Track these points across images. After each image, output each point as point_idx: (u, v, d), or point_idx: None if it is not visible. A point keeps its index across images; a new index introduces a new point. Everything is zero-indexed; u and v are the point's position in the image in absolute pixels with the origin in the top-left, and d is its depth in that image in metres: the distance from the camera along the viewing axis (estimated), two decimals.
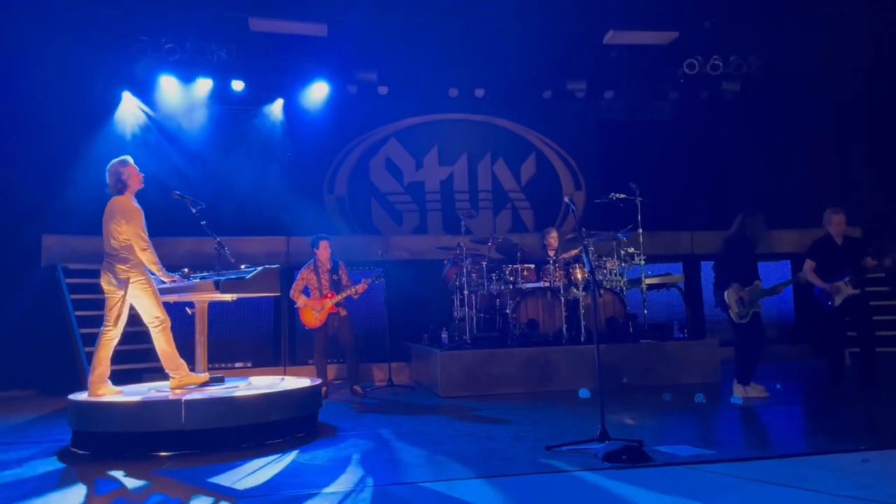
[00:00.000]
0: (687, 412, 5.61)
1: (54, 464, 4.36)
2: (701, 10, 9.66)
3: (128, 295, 4.91)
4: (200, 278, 5.28)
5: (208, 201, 5.55)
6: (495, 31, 9.61)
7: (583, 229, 5.66)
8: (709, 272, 9.37)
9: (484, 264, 7.74)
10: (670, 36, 9.89)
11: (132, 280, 4.92)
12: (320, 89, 10.14)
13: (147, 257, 4.96)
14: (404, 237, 10.13)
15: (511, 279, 7.51)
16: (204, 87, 9.74)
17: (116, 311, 4.92)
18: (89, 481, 3.92)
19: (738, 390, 6.15)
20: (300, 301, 7.21)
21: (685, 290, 9.04)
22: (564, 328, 7.34)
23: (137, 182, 5.11)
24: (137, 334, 5.45)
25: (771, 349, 9.53)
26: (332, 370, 8.10)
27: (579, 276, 7.36)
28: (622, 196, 7.75)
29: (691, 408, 5.81)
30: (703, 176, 10.64)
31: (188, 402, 4.56)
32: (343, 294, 7.20)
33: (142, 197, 5.14)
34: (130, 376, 7.03)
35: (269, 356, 8.73)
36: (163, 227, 5.46)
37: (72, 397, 4.88)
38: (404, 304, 8.85)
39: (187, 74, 9.58)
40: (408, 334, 8.75)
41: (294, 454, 4.40)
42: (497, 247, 8.37)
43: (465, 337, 7.43)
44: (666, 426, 4.98)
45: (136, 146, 9.28)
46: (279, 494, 3.45)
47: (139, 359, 7.51)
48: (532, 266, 7.62)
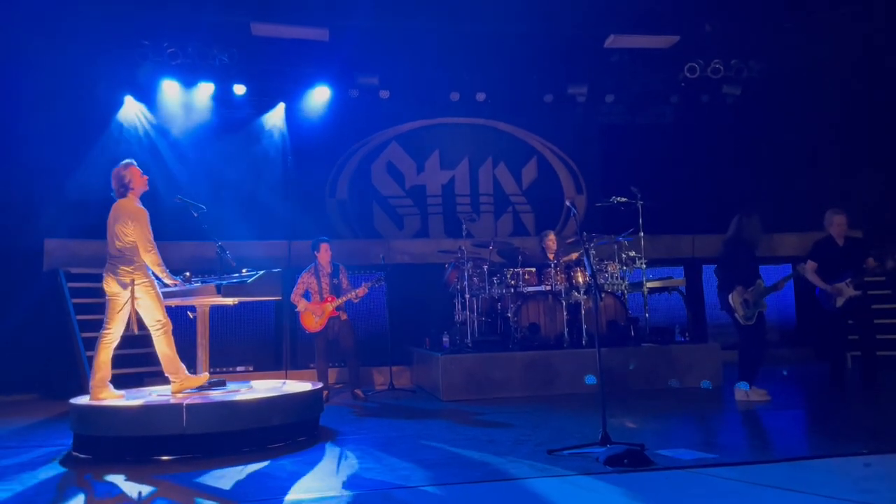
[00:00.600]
0: (689, 416, 5.61)
1: (56, 468, 4.36)
2: (702, 14, 9.67)
3: (134, 297, 4.92)
4: (202, 282, 5.29)
5: (210, 205, 5.56)
6: (496, 36, 9.62)
7: (584, 233, 5.66)
8: (710, 276, 9.39)
9: (485, 268, 7.74)
10: (671, 40, 9.90)
11: (136, 282, 4.93)
12: (322, 93, 10.15)
13: (151, 259, 4.98)
14: (406, 241, 10.14)
15: (512, 283, 7.51)
16: (206, 92, 9.76)
17: (124, 315, 4.92)
18: (90, 486, 3.92)
19: (740, 393, 6.14)
20: (301, 305, 7.21)
21: (686, 294, 9.04)
22: (566, 332, 7.33)
23: (142, 184, 5.13)
24: (138, 338, 5.45)
25: (773, 352, 9.52)
26: (334, 374, 8.09)
27: (581, 280, 7.36)
28: (623, 200, 7.74)
29: (693, 411, 5.80)
30: (705, 179, 10.63)
31: (189, 406, 4.56)
32: (343, 298, 7.20)
33: (143, 200, 5.16)
34: (131, 380, 7.05)
35: (271, 360, 8.73)
36: (164, 231, 5.46)
37: (73, 401, 4.88)
38: (406, 308, 8.85)
39: (189, 79, 9.59)
40: (409, 338, 8.74)
41: (295, 458, 4.39)
42: (498, 250, 8.38)
43: (467, 340, 7.43)
44: (668, 430, 4.97)
45: (138, 150, 9.29)
46: (281, 498, 3.45)
47: (140, 363, 7.51)
48: (533, 269, 7.62)
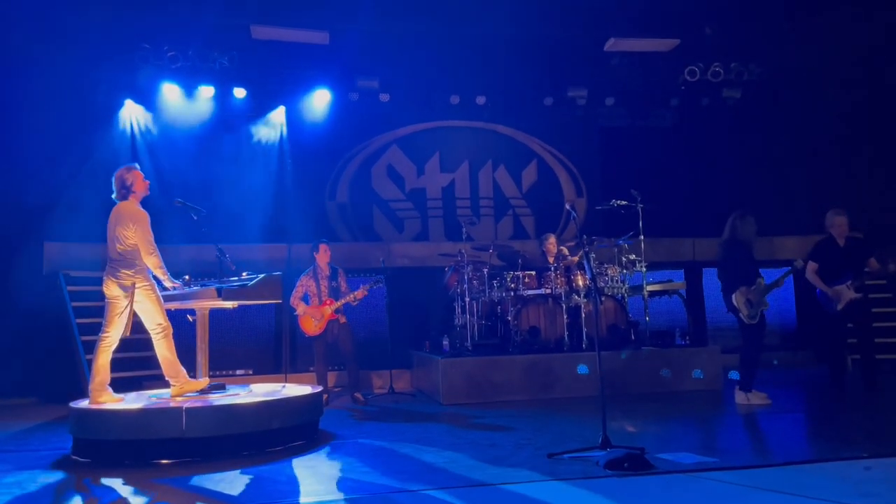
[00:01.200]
0: (689, 419, 5.60)
1: (55, 472, 4.35)
2: (702, 18, 9.68)
3: (133, 301, 4.91)
4: (202, 285, 5.28)
5: (209, 208, 5.57)
6: (496, 39, 9.63)
7: (584, 236, 5.66)
8: (710, 279, 9.39)
9: (485, 271, 7.73)
10: (671, 43, 9.91)
11: (137, 285, 4.93)
12: (322, 97, 10.16)
13: (153, 262, 4.98)
14: (406, 244, 10.13)
15: (512, 286, 7.50)
16: (206, 95, 9.76)
17: (123, 318, 4.91)
18: (89, 489, 3.91)
19: (740, 397, 6.14)
20: (300, 309, 7.20)
21: (687, 297, 9.03)
22: (566, 335, 7.33)
23: (143, 188, 5.14)
24: (138, 341, 5.45)
25: (773, 356, 9.52)
26: (333, 377, 8.09)
27: (581, 283, 7.36)
28: (623, 203, 7.74)
29: (694, 415, 5.79)
30: (705, 182, 10.63)
31: (189, 410, 4.55)
32: (342, 301, 7.19)
33: (144, 204, 5.16)
34: (131, 383, 7.03)
35: (271, 363, 8.72)
36: (164, 234, 5.46)
37: (73, 405, 4.88)
38: (406, 311, 8.84)
39: (189, 82, 9.60)
40: (409, 341, 8.73)
41: (295, 462, 4.39)
42: (498, 254, 8.37)
43: (467, 344, 7.42)
44: (668, 434, 4.96)
45: (138, 153, 9.31)
46: (281, 502, 3.44)
47: (139, 366, 7.51)
48: (533, 273, 7.61)
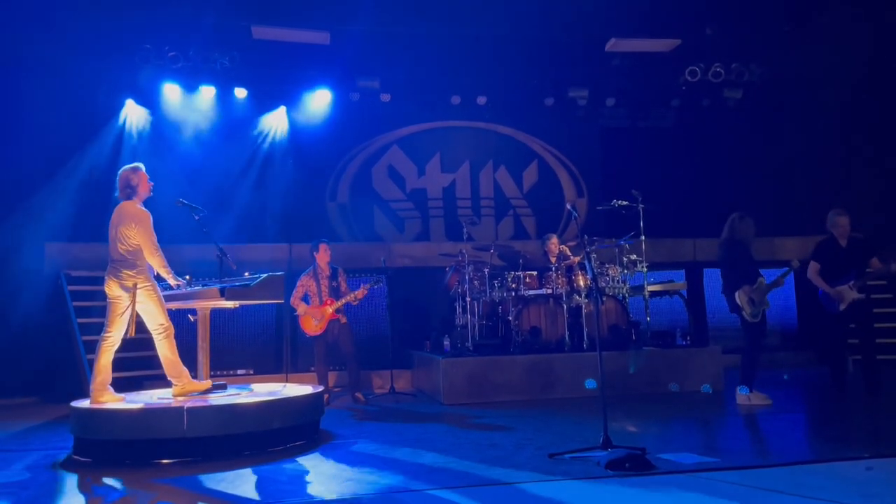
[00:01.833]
0: (690, 420, 5.60)
1: (56, 471, 4.35)
2: (703, 18, 9.68)
3: (136, 301, 4.92)
4: (203, 285, 5.28)
5: (210, 208, 5.57)
6: (497, 39, 9.63)
7: (585, 236, 5.66)
8: (711, 279, 9.39)
9: (486, 271, 7.73)
10: (672, 43, 9.91)
11: (139, 286, 4.94)
12: (323, 97, 10.16)
13: (157, 261, 4.99)
14: (406, 244, 10.13)
15: (513, 286, 7.50)
16: (207, 95, 9.77)
17: (125, 318, 4.92)
18: (90, 489, 3.92)
19: (742, 397, 6.14)
20: (300, 309, 7.21)
21: (688, 298, 9.03)
22: (567, 335, 7.33)
23: (147, 189, 5.15)
24: (139, 341, 5.45)
25: (774, 356, 9.52)
26: (334, 377, 8.09)
27: (582, 283, 7.36)
28: (624, 203, 7.74)
29: (695, 415, 5.79)
30: (706, 183, 10.63)
31: (190, 410, 4.56)
32: (343, 300, 7.20)
33: (146, 204, 5.16)
34: (132, 383, 7.04)
35: (272, 363, 8.71)
36: (165, 235, 5.46)
37: (74, 404, 4.88)
38: (406, 312, 8.84)
39: (190, 82, 9.61)
40: (410, 341, 8.74)
41: (296, 462, 4.39)
42: (499, 254, 8.38)
43: (468, 344, 7.42)
44: (669, 434, 4.96)
45: (139, 154, 9.30)
46: (282, 502, 3.44)
47: (141, 366, 7.51)
48: (534, 273, 7.61)
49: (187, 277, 5.29)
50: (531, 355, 7.07)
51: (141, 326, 5.09)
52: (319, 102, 10.21)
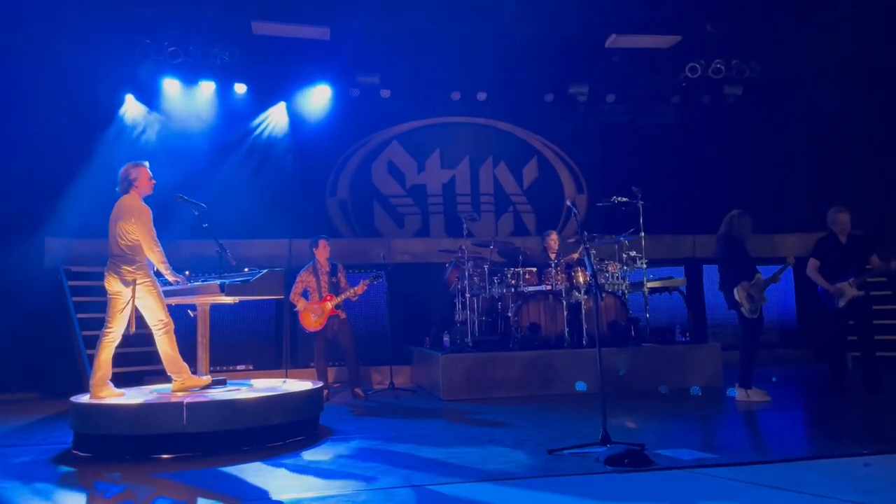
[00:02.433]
0: (689, 416, 5.61)
1: (56, 466, 4.36)
2: (703, 15, 9.67)
3: (135, 297, 4.92)
4: (203, 281, 5.29)
5: (210, 204, 5.56)
6: (497, 35, 9.62)
7: (585, 233, 5.66)
8: (710, 276, 9.39)
9: (486, 267, 7.74)
10: (672, 40, 9.90)
11: (139, 281, 4.94)
12: (323, 92, 10.16)
13: (156, 257, 4.99)
14: (406, 240, 10.14)
15: (513, 282, 7.51)
16: (207, 91, 9.77)
17: (125, 314, 4.92)
18: (90, 484, 3.92)
19: (741, 394, 6.15)
20: (300, 304, 7.21)
21: (687, 294, 9.03)
22: (566, 332, 7.33)
23: (147, 186, 5.15)
24: (139, 336, 5.44)
25: (773, 353, 9.53)
26: (333, 373, 8.10)
27: (581, 280, 7.36)
28: (624, 199, 7.74)
29: (694, 412, 5.80)
30: (705, 180, 10.63)
31: (190, 405, 4.56)
32: (342, 296, 7.20)
33: (145, 199, 5.16)
34: (132, 379, 7.04)
35: (271, 359, 8.73)
36: (165, 230, 5.46)
37: (73, 399, 4.89)
38: (406, 308, 8.85)
39: (190, 77, 9.60)
40: (409, 337, 8.75)
41: (295, 457, 4.40)
42: (499, 250, 8.38)
43: (467, 340, 7.43)
44: (668, 430, 4.97)
45: (139, 149, 9.31)
46: (281, 497, 3.45)
47: (141, 361, 7.51)
48: (534, 269, 7.61)
49: (187, 273, 5.30)
50: (530, 352, 7.07)
51: (141, 322, 5.10)
52: (319, 98, 10.20)
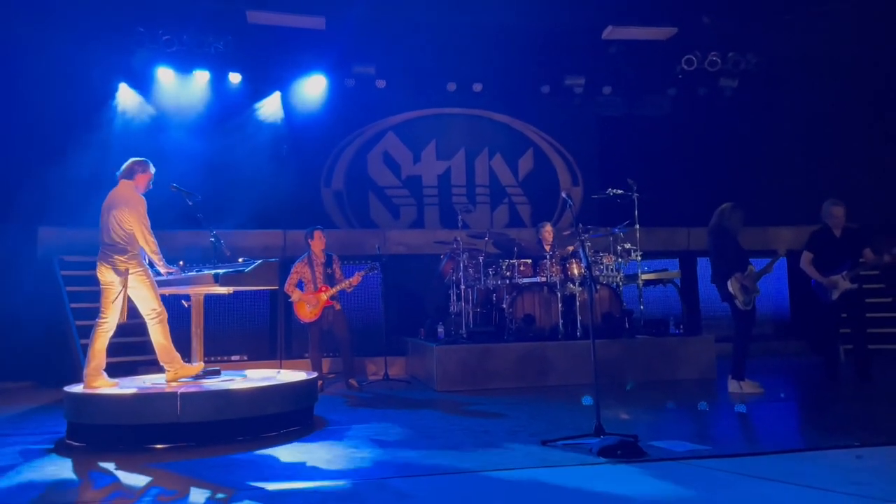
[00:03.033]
0: (682, 408, 5.63)
1: (49, 455, 4.35)
2: (700, 6, 9.66)
3: (127, 286, 4.91)
4: (197, 271, 5.27)
5: (204, 194, 5.54)
6: (493, 26, 9.59)
7: (580, 225, 5.66)
8: (704, 268, 9.41)
9: (481, 259, 7.73)
10: (669, 32, 9.89)
11: (131, 271, 4.93)
12: (318, 83, 10.11)
13: (150, 247, 4.99)
14: (401, 231, 10.13)
15: (508, 274, 7.51)
16: (201, 80, 9.72)
17: (119, 303, 4.91)
18: (84, 473, 3.92)
19: (733, 386, 6.17)
20: (295, 295, 7.20)
21: (681, 287, 9.06)
22: (561, 323, 7.34)
23: (145, 187, 5.18)
24: (133, 326, 5.44)
25: (766, 345, 9.58)
26: (328, 363, 8.10)
27: (576, 272, 7.37)
28: (619, 192, 7.74)
29: (687, 404, 5.82)
30: (701, 172, 10.64)
31: (184, 395, 4.56)
32: (337, 287, 7.19)
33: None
34: (126, 369, 7.03)
35: (266, 349, 8.73)
36: (159, 220, 5.44)
37: (67, 389, 4.88)
38: (401, 299, 8.86)
39: (184, 66, 9.55)
40: (404, 328, 8.75)
41: (289, 447, 4.40)
42: (494, 241, 8.37)
43: (462, 331, 7.43)
44: (661, 422, 5.00)
45: (132, 138, 9.25)
46: (275, 487, 3.45)
47: (134, 351, 7.50)
48: (529, 261, 7.62)
49: (181, 263, 5.29)
50: (525, 343, 7.09)
51: (134, 312, 5.08)
52: (314, 88, 10.16)
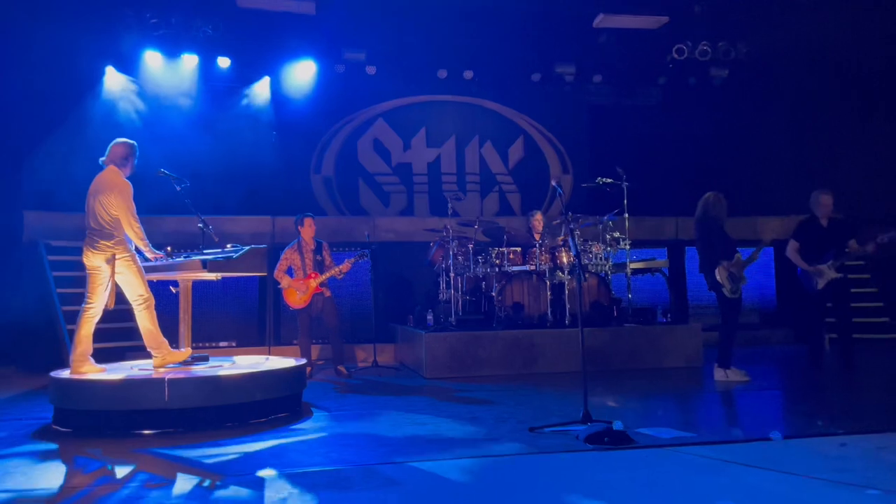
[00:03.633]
0: (669, 395, 5.68)
1: (35, 441, 4.33)
2: None
3: (114, 272, 4.88)
4: (185, 257, 5.24)
5: (193, 179, 5.50)
6: (485, 13, 9.54)
7: (569, 213, 5.67)
8: (692, 258, 9.47)
9: (470, 247, 7.74)
10: (660, 20, 9.87)
11: (117, 256, 4.90)
12: (308, 68, 10.04)
13: (135, 233, 4.95)
14: (391, 218, 10.11)
15: (497, 262, 7.52)
16: (189, 64, 9.61)
17: (103, 289, 4.88)
18: (71, 459, 3.91)
19: (719, 374, 6.22)
20: (284, 282, 7.19)
21: (669, 275, 9.11)
22: (549, 311, 7.37)
23: (130, 170, 5.13)
24: (120, 312, 5.41)
25: (753, 334, 9.66)
26: (317, 350, 8.10)
27: (565, 260, 7.39)
28: (609, 181, 7.76)
29: (674, 392, 5.87)
30: (690, 162, 10.67)
31: (171, 381, 4.54)
32: (327, 274, 7.18)
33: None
34: (113, 354, 6.99)
35: (254, 336, 8.72)
36: (146, 205, 5.42)
37: (53, 374, 4.85)
38: (390, 286, 8.85)
39: (172, 50, 9.44)
40: (393, 315, 8.76)
41: (278, 434, 4.40)
42: (483, 229, 8.37)
43: (451, 319, 7.45)
44: (648, 409, 5.03)
45: (119, 122, 9.17)
46: (263, 473, 3.45)
47: (122, 337, 7.47)
48: (518, 249, 7.63)
49: (168, 249, 5.25)
50: (513, 331, 7.11)
51: (122, 297, 5.05)
52: (304, 74, 10.08)
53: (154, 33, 9.03)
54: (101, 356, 5.32)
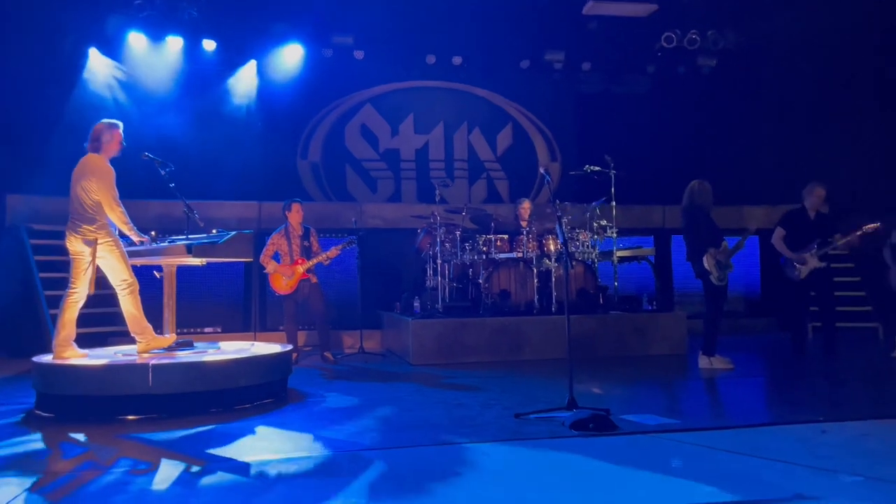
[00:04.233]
0: (654, 383, 5.72)
1: (18, 427, 4.30)
2: None
3: (96, 256, 4.83)
4: (169, 241, 5.19)
5: (178, 163, 5.43)
6: None
7: (557, 201, 5.67)
8: (678, 246, 9.51)
9: (458, 234, 7.73)
10: (650, 8, 9.84)
11: (100, 241, 4.85)
12: (294, 52, 9.93)
13: (117, 217, 4.90)
14: (378, 205, 10.07)
15: (484, 249, 7.52)
16: (174, 46, 9.48)
17: (89, 273, 4.83)
18: (54, 444, 3.88)
19: (704, 361, 6.27)
20: (270, 267, 7.15)
21: (655, 264, 9.15)
22: (536, 299, 7.39)
23: (116, 150, 5.07)
24: (103, 297, 5.36)
25: (737, 322, 9.74)
26: (303, 336, 8.08)
27: (552, 248, 7.40)
28: (597, 168, 7.77)
29: (658, 379, 5.91)
30: (678, 151, 10.69)
31: (155, 366, 4.51)
32: (314, 260, 7.16)
33: (111, 160, 5.03)
34: (96, 339, 6.94)
35: (240, 322, 8.68)
36: (130, 189, 5.34)
37: (36, 360, 4.81)
38: (377, 272, 8.82)
39: (157, 32, 9.29)
40: (380, 302, 8.74)
41: (263, 419, 4.39)
42: (471, 217, 8.36)
43: (438, 306, 7.45)
44: (633, 396, 5.07)
45: (103, 105, 9.03)
46: (247, 459, 3.44)
47: (105, 322, 7.41)
48: (505, 236, 7.63)
49: (153, 233, 5.20)
50: (500, 318, 7.12)
51: (105, 282, 5.00)
52: (291, 58, 9.98)
53: (138, 15, 8.88)
54: (85, 341, 5.27)
